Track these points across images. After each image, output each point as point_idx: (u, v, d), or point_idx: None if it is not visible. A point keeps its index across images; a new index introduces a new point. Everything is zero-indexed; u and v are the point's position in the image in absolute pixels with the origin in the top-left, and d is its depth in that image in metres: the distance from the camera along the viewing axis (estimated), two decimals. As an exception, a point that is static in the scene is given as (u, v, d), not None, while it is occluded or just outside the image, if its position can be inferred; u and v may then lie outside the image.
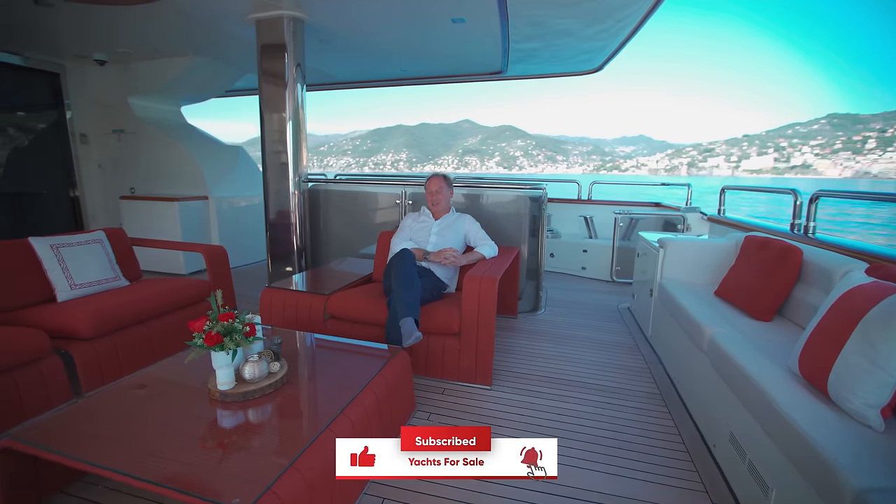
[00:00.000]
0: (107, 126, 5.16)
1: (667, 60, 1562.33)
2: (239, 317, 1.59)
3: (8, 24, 3.82)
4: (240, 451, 1.27)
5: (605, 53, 4.63)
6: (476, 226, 2.91)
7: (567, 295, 4.17)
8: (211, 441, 1.31)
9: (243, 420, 1.42)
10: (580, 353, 2.80)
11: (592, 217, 5.13)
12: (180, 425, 1.38)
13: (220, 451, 1.27)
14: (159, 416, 1.43)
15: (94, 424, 1.38)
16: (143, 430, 1.36)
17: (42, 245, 2.49)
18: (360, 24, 3.70)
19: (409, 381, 2.00)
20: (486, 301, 2.26)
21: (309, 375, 1.71)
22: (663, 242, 2.84)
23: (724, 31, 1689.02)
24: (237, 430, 1.37)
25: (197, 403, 1.50)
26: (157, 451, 1.24)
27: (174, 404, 1.50)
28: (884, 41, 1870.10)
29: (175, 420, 1.41)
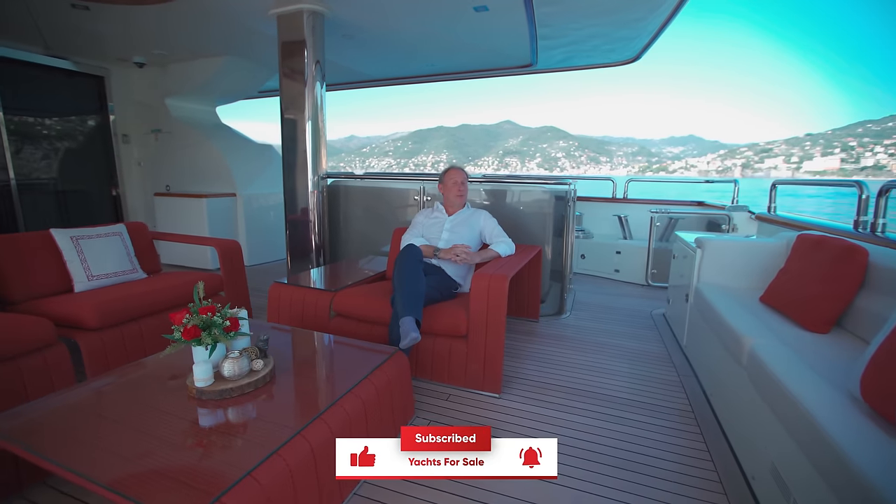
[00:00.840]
0: (146, 126, 5.38)
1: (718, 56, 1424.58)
2: (221, 311, 1.51)
3: (57, 30, 4.03)
4: (201, 455, 1.17)
5: (641, 41, 4.32)
6: (492, 222, 2.73)
7: (597, 298, 3.90)
8: (176, 441, 1.22)
9: (214, 421, 1.33)
10: (605, 361, 2.56)
11: (627, 217, 4.81)
12: (150, 423, 1.30)
13: (182, 453, 1.17)
14: (133, 413, 1.36)
15: (66, 419, 1.33)
16: (112, 426, 1.29)
17: (62, 237, 2.55)
18: (380, 16, 3.63)
19: (407, 385, 1.86)
20: (495, 301, 2.09)
21: (296, 375, 1.60)
22: (701, 242, 2.55)
23: (781, 25, 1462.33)
24: (206, 432, 1.28)
25: (173, 400, 1.43)
26: (118, 450, 1.17)
27: (151, 400, 1.43)
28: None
29: (147, 417, 1.33)
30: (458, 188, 2.71)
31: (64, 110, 5.06)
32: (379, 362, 1.73)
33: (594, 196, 5.30)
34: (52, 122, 4.97)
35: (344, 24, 3.76)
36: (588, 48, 4.43)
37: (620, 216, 4.80)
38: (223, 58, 4.79)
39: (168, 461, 1.13)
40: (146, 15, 3.52)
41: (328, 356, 1.88)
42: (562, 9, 3.48)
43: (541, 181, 3.36)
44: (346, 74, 5.71)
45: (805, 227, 2.52)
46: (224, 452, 1.18)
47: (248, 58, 4.82)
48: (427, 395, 2.13)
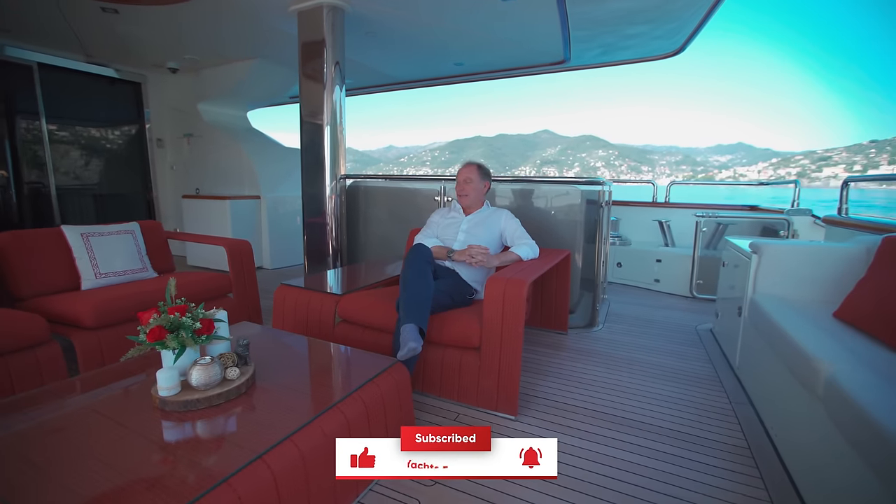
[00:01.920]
0: (179, 131, 5.50)
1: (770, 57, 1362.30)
2: (193, 311, 1.35)
3: (93, 36, 4.16)
4: (133, 479, 0.98)
5: (684, 31, 3.96)
6: (514, 222, 2.48)
7: (634, 310, 3.54)
8: (116, 460, 1.04)
9: (173, 437, 1.16)
10: (642, 382, 2.24)
11: (669, 222, 4.41)
12: (97, 436, 1.14)
13: (114, 473, 1.00)
14: (88, 424, 1.21)
15: (14, 431, 1.19)
16: (59, 440, 1.14)
17: (73, 234, 2.52)
18: (402, 9, 3.48)
19: (407, 402, 1.63)
20: (511, 309, 1.84)
21: (276, 388, 1.41)
22: (757, 247, 2.19)
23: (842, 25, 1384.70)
24: (156, 449, 1.10)
25: (134, 411, 1.27)
26: (57, 469, 1.01)
27: (112, 410, 1.28)
28: None
29: (101, 431, 1.17)
30: (459, 188, 2.48)
31: (104, 117, 5.25)
32: (372, 375, 1.52)
33: (632, 200, 4.92)
34: (93, 128, 5.15)
35: (365, 19, 3.65)
36: (626, 39, 4.11)
37: (661, 221, 4.40)
38: (252, 61, 4.81)
39: (94, 483, 0.95)
40: (171, 15, 3.54)
41: (318, 366, 1.69)
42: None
43: (571, 180, 3.07)
44: (373, 77, 5.64)
45: (891, 230, 2.11)
46: (166, 478, 0.99)
47: (275, 61, 4.82)
48: (432, 414, 1.90)
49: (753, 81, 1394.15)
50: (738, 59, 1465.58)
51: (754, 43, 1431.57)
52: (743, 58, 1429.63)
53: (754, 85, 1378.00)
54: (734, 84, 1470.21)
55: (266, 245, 4.97)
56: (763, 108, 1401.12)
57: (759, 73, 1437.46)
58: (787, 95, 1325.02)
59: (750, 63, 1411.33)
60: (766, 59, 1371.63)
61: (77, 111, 4.97)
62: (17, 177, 4.59)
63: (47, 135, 4.63)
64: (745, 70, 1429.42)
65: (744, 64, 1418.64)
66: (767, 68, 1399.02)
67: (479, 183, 2.51)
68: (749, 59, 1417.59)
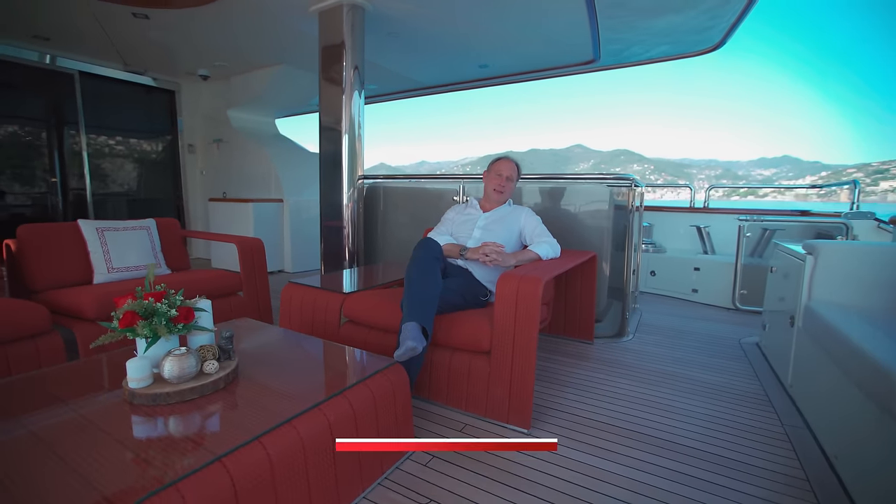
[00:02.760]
0: (209, 137, 5.64)
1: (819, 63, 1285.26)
2: (169, 297, 1.25)
3: (128, 43, 4.32)
4: (82, 479, 0.87)
5: (724, 22, 3.69)
6: (534, 220, 2.30)
7: (668, 321, 3.25)
8: (72, 455, 0.93)
9: (129, 434, 1.04)
10: (676, 398, 1.99)
11: (708, 228, 4.08)
12: (58, 430, 1.04)
13: (62, 473, 0.88)
14: (51, 414, 1.12)
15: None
16: (13, 428, 1.05)
17: (89, 228, 2.52)
18: (423, 6, 3.41)
19: (405, 408, 1.47)
20: (525, 309, 1.65)
21: (257, 385, 1.29)
22: (812, 248, 1.92)
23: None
24: (110, 446, 0.98)
25: (102, 403, 1.17)
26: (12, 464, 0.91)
27: (81, 401, 1.19)
28: None
29: (62, 422, 1.08)
30: (500, 182, 2.31)
31: (140, 124, 5.45)
32: (365, 375, 1.37)
33: (667, 206, 4.62)
34: (129, 136, 5.36)
35: (386, 19, 3.60)
36: (658, 34, 3.88)
37: (700, 227, 4.08)
38: (278, 67, 4.88)
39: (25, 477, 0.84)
40: (197, 18, 3.60)
41: (310, 365, 1.56)
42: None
43: (596, 178, 2.86)
44: (397, 81, 5.61)
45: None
46: (108, 476, 0.87)
47: (300, 66, 4.86)
48: (436, 423, 1.73)
49: (798, 89, 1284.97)
50: (780, 64, 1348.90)
51: (799, 46, 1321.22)
52: (785, 63, 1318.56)
53: (799, 93, 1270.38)
54: (777, 92, 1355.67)
55: (287, 248, 4.96)
56: (810, 119, 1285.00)
57: (805, 79, 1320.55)
58: (837, 104, 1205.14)
59: (794, 69, 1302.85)
60: (813, 64, 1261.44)
61: (114, 119, 5.18)
62: (64, 183, 4.81)
63: (86, 143, 4.83)
64: (788, 76, 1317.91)
65: (787, 70, 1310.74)
66: (814, 75, 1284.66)
67: (515, 182, 2.37)
68: (792, 65, 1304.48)
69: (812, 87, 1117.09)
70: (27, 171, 4.62)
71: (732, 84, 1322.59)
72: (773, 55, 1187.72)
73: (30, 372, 1.37)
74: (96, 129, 4.97)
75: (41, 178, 4.71)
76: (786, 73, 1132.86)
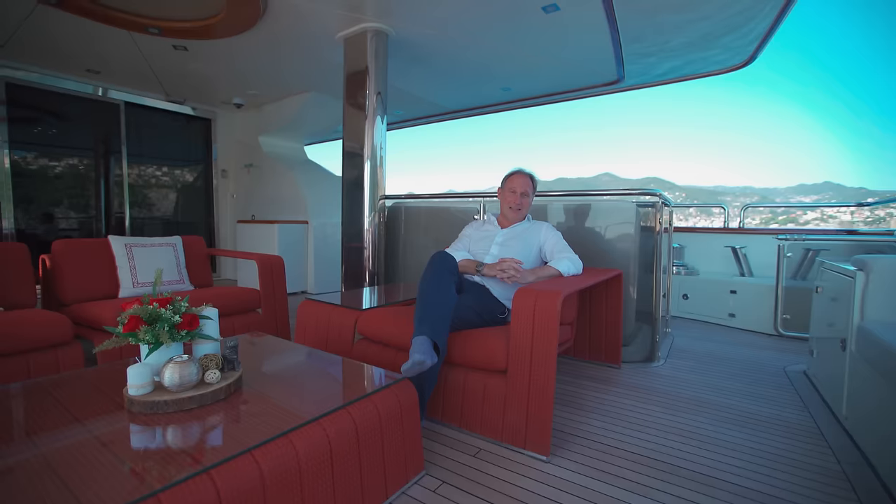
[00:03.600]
0: (242, 162, 5.87)
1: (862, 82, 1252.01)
2: (175, 303, 1.23)
3: (169, 75, 4.60)
4: (62, 486, 0.83)
5: (754, 37, 3.60)
6: (555, 235, 2.22)
7: (703, 346, 3.04)
8: (59, 462, 0.90)
9: (123, 442, 1.00)
10: (716, 429, 1.81)
11: (745, 249, 3.87)
12: (53, 436, 1.01)
13: (42, 480, 0.85)
14: (49, 419, 1.10)
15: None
16: (9, 425, 1.03)
17: (118, 244, 2.61)
18: (444, 30, 3.48)
19: (413, 427, 1.39)
20: (543, 326, 1.56)
21: (259, 397, 1.24)
22: (863, 263, 1.75)
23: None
24: (100, 452, 0.94)
25: (101, 409, 1.15)
26: None
27: (81, 407, 1.17)
28: None
29: (58, 426, 1.06)
30: (515, 200, 2.25)
31: (178, 152, 5.75)
32: (370, 390, 1.31)
33: (698, 226, 4.43)
34: (167, 162, 5.64)
35: (409, 44, 3.69)
36: (684, 49, 3.80)
37: (735, 248, 3.87)
38: (308, 94, 5.07)
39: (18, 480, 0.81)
40: (232, 48, 3.80)
41: (317, 379, 1.50)
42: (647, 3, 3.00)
43: (622, 193, 2.77)
44: (422, 107, 5.72)
45: None
46: (87, 485, 0.83)
47: (328, 93, 5.04)
48: (448, 446, 1.62)
49: (835, 108, 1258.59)
50: (817, 80, 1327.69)
51: (837, 61, 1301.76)
52: (821, 79, 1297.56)
53: (838, 112, 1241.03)
54: (814, 112, 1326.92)
55: (311, 270, 5.02)
56: (852, 142, 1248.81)
57: (842, 97, 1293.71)
58: (879, 126, 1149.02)
59: (830, 86, 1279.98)
60: (854, 82, 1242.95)
61: (154, 146, 5.48)
62: (108, 208, 5.09)
63: (126, 170, 5.12)
64: (824, 94, 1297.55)
65: (823, 87, 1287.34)
66: (851, 93, 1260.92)
67: (531, 197, 2.30)
68: (829, 81, 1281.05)
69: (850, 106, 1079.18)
70: (77, 197, 4.93)
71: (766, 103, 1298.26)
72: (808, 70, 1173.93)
73: (38, 378, 1.37)
74: (137, 158, 5.26)
75: (88, 202, 4.99)
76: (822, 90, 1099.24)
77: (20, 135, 4.38)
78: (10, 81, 4.24)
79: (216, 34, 3.48)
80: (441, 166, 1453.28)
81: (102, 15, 3.17)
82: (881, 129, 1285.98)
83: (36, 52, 4.01)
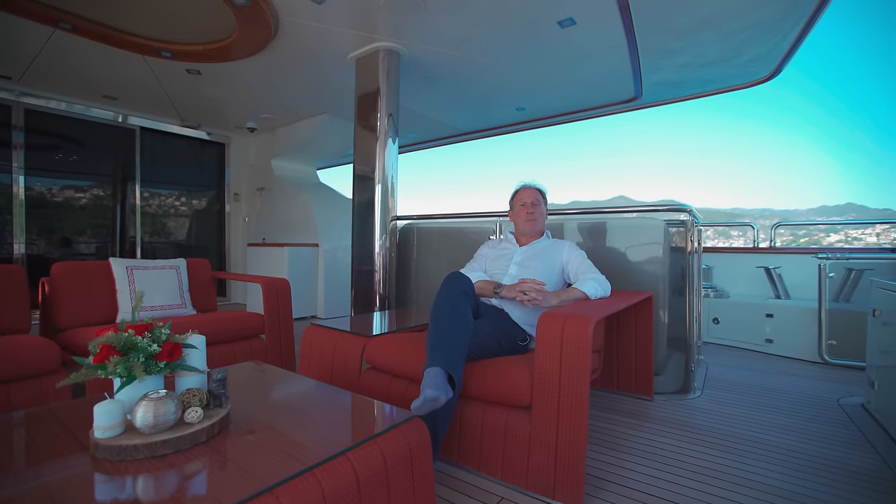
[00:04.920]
0: (254, 185, 5.86)
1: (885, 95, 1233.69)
2: (154, 330, 1.09)
3: (185, 100, 4.63)
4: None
5: (779, 51, 3.46)
6: (579, 254, 2.04)
7: (742, 376, 2.79)
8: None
9: (78, 496, 0.84)
10: (772, 475, 1.57)
11: (779, 269, 3.62)
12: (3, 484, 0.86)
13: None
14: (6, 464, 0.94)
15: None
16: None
17: (119, 266, 2.51)
18: (457, 49, 3.42)
19: (426, 477, 1.19)
20: (573, 356, 1.37)
21: (247, 441, 1.07)
22: (936, 282, 1.54)
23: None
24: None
25: (66, 452, 0.99)
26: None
27: (45, 448, 1.01)
28: None
29: (11, 474, 0.90)
30: (527, 211, 2.11)
31: (192, 176, 5.78)
32: (375, 432, 1.13)
33: (726, 246, 4.20)
34: (180, 186, 5.66)
35: (421, 63, 3.64)
36: (704, 64, 3.68)
37: (769, 268, 3.63)
38: (319, 117, 5.06)
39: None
40: (244, 70, 3.80)
41: (314, 417, 1.32)
42: (664, 11, 2.90)
43: (647, 209, 2.59)
44: (435, 128, 5.68)
45: None
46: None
47: (341, 115, 5.03)
48: (465, 494, 1.42)
49: (860, 125, 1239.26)
50: (838, 97, 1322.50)
51: (860, 78, 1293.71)
52: (842, 97, 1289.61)
53: (862, 135, 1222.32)
54: (836, 129, 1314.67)
55: (321, 294, 4.88)
56: (876, 161, 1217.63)
57: (864, 119, 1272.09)
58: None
59: (852, 104, 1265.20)
60: (878, 100, 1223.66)
61: (168, 171, 5.51)
62: (123, 232, 5.10)
63: (139, 194, 5.14)
64: (847, 111, 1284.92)
65: (845, 104, 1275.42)
66: (874, 110, 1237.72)
67: (544, 207, 2.15)
68: (850, 99, 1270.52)
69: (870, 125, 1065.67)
70: (91, 222, 4.95)
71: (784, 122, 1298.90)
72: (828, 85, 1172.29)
73: (9, 412, 1.23)
74: (151, 183, 5.28)
75: (102, 228, 5.00)
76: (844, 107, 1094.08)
77: (36, 161, 4.43)
78: (29, 108, 4.31)
79: (229, 57, 3.48)
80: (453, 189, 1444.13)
81: (117, 39, 3.19)
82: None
83: (53, 80, 4.08)
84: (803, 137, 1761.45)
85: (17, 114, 4.24)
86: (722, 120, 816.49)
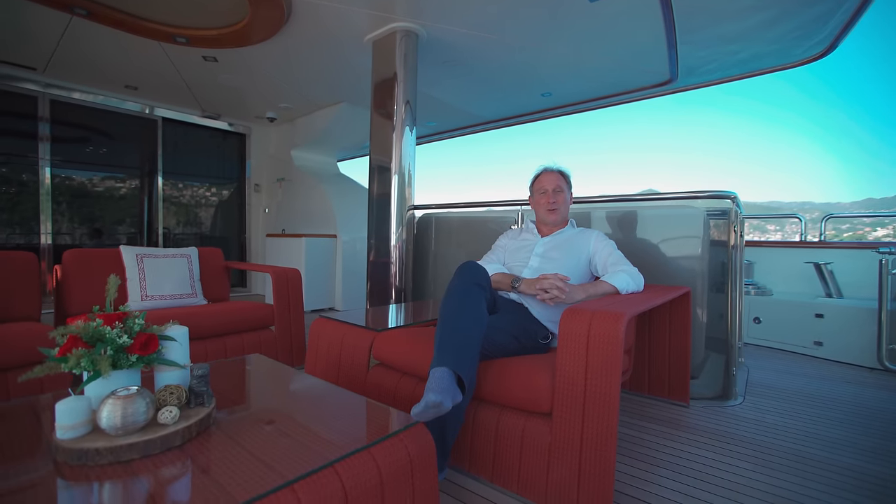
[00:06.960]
0: (274, 176, 5.84)
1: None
2: (128, 320, 0.98)
3: (204, 89, 4.61)
4: None
5: (836, 23, 3.12)
6: (608, 244, 1.85)
7: (788, 382, 2.53)
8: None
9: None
10: (829, 498, 1.36)
11: (830, 265, 3.30)
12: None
13: None
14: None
15: None
16: None
17: (129, 254, 2.46)
18: (480, 29, 3.23)
19: (428, 489, 1.05)
20: (601, 356, 1.20)
21: (223, 446, 0.95)
22: None
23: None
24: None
25: (30, 453, 0.89)
26: None
27: (10, 447, 0.92)
28: None
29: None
30: (548, 199, 1.92)
31: (213, 167, 5.79)
32: (369, 441, 0.99)
33: (769, 240, 3.88)
34: (203, 177, 5.69)
35: (441, 45, 3.47)
36: (748, 40, 3.35)
37: (818, 264, 3.31)
38: (339, 105, 4.96)
39: None
40: (260, 55, 3.71)
41: (305, 420, 1.19)
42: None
43: (685, 196, 2.35)
44: (456, 117, 5.50)
45: None
46: None
47: (359, 104, 4.91)
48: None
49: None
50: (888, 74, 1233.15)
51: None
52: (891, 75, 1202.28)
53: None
54: (885, 111, 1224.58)
55: (339, 286, 4.81)
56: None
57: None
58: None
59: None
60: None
61: (190, 162, 5.53)
62: (150, 223, 5.17)
63: (162, 184, 5.17)
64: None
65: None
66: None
67: (568, 194, 1.97)
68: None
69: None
70: (122, 212, 5.03)
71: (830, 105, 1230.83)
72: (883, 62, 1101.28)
73: None
74: (173, 174, 5.31)
75: (125, 218, 5.08)
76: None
77: (62, 152, 4.49)
78: (55, 99, 4.37)
79: (243, 42, 3.39)
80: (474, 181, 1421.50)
81: (132, 25, 3.15)
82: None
83: (76, 70, 4.11)
84: (854, 122, 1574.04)
85: (44, 105, 4.30)
86: (761, 106, 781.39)
